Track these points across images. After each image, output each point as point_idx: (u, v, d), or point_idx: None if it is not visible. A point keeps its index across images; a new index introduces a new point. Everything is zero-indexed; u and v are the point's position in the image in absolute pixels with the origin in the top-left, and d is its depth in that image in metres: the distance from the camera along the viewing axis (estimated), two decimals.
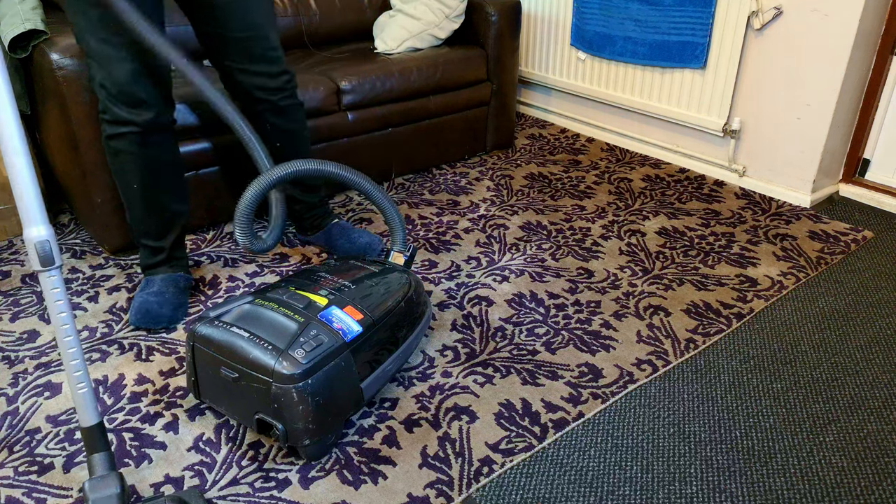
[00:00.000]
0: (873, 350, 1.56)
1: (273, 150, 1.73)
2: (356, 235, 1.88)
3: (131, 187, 1.55)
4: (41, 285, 1.02)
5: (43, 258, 0.99)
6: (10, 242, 1.98)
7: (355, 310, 1.29)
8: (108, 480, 1.05)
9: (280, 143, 1.72)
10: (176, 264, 1.69)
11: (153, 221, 1.61)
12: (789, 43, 2.14)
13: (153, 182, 1.56)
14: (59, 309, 1.02)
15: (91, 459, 1.08)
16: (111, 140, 1.50)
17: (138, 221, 1.61)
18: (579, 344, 1.57)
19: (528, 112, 3.18)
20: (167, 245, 1.65)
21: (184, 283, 1.68)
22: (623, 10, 2.51)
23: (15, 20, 1.71)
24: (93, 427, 1.08)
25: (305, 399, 1.15)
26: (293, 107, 1.71)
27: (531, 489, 1.19)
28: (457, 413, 1.36)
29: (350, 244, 1.87)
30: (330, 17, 2.55)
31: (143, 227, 1.61)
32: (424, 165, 2.50)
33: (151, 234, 1.63)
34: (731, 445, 1.29)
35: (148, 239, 1.63)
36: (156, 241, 1.64)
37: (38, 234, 0.99)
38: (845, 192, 2.35)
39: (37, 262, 0.99)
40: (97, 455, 1.08)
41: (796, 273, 1.86)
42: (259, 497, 1.17)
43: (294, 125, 1.73)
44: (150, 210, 1.59)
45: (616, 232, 2.08)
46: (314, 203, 1.88)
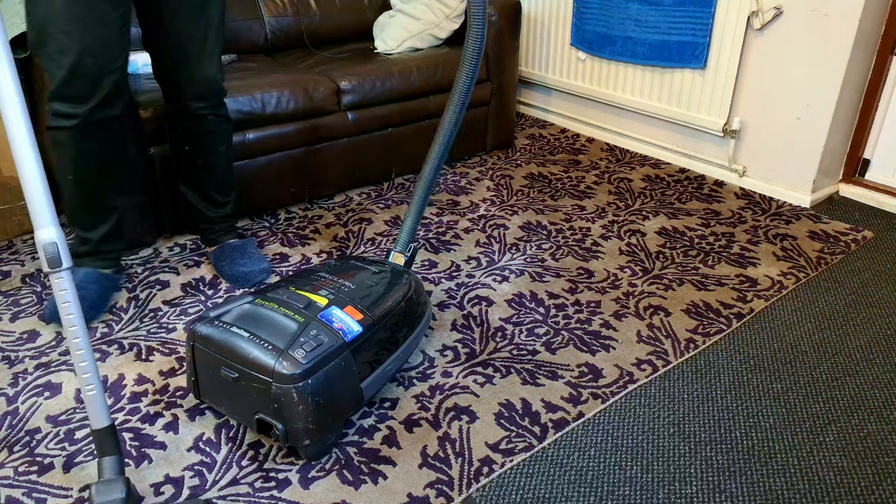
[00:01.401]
0: (873, 350, 1.56)
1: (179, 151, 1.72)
2: (242, 261, 1.78)
3: (66, 178, 1.54)
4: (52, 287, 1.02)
5: (51, 260, 0.99)
6: (9, 242, 1.98)
7: (355, 310, 1.29)
8: (115, 485, 1.05)
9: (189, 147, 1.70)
10: (104, 258, 1.68)
11: (83, 212, 1.61)
12: (789, 43, 2.14)
13: (91, 176, 1.55)
14: (69, 311, 1.02)
15: (100, 462, 1.08)
16: (49, 131, 1.49)
17: (71, 208, 1.60)
18: (579, 344, 1.57)
19: (528, 112, 3.18)
20: (95, 238, 1.64)
21: (105, 281, 1.67)
22: (623, 10, 2.51)
23: (15, 20, 1.71)
24: (103, 430, 1.08)
25: (305, 399, 1.15)
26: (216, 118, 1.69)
27: (531, 489, 1.19)
28: (457, 413, 1.36)
29: (229, 270, 1.77)
30: (330, 17, 2.55)
31: (74, 214, 1.61)
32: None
33: (80, 223, 1.62)
34: (731, 445, 1.29)
35: (77, 227, 1.63)
36: (84, 231, 1.63)
37: (47, 236, 1.00)
38: (845, 192, 2.35)
39: (45, 263, 0.99)
40: (107, 459, 1.07)
41: (796, 273, 1.86)
42: (259, 497, 1.17)
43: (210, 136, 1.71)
44: (84, 202, 1.59)
45: (616, 232, 2.08)
46: (212, 217, 1.81)
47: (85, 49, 1.38)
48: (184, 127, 1.68)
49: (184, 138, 1.70)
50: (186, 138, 1.70)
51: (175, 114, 1.67)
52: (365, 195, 2.31)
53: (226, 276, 1.79)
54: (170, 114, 1.69)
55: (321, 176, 2.22)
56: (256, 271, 1.77)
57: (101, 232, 1.64)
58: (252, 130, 2.01)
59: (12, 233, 2.00)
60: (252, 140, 2.01)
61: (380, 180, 2.40)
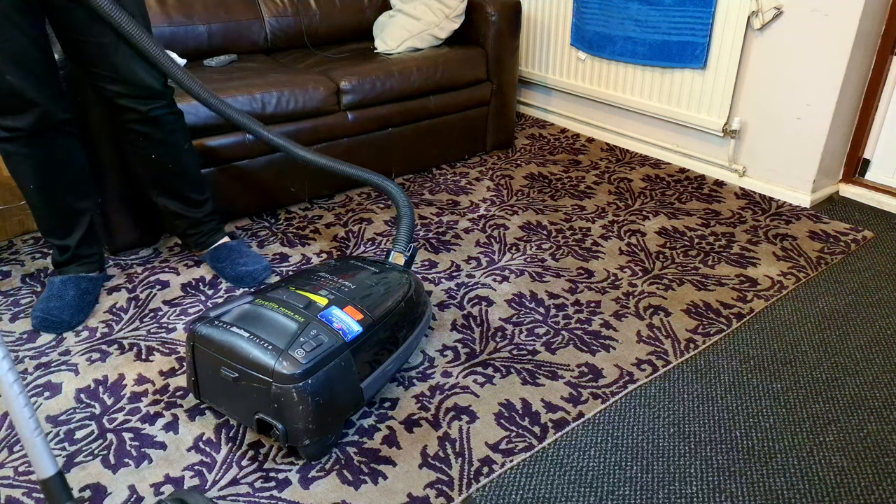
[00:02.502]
0: (873, 350, 1.56)
1: (146, 162, 1.67)
2: (242, 261, 1.77)
3: (28, 187, 1.54)
4: None
5: None
6: (9, 242, 1.98)
7: (355, 310, 1.29)
8: None
9: (155, 155, 1.65)
10: (86, 262, 1.68)
11: (55, 220, 1.60)
12: (789, 43, 2.14)
13: (48, 182, 1.55)
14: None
15: None
16: (1, 142, 1.48)
17: (41, 220, 1.60)
18: (579, 344, 1.57)
19: (528, 112, 3.18)
20: (72, 244, 1.64)
21: (87, 284, 1.67)
22: (623, 10, 2.51)
23: None
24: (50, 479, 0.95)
25: (305, 399, 1.15)
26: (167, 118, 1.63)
27: (531, 489, 1.19)
28: (457, 413, 1.36)
29: (232, 270, 1.76)
30: (330, 17, 2.55)
31: (46, 225, 1.61)
32: (424, 165, 2.50)
33: (55, 232, 1.62)
34: (731, 445, 1.29)
35: (53, 237, 1.63)
36: (60, 239, 1.63)
37: None
38: (845, 192, 2.35)
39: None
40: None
41: (796, 273, 1.86)
42: (259, 497, 1.17)
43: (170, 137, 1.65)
44: (51, 209, 1.59)
45: (616, 232, 2.08)
46: (198, 219, 1.79)
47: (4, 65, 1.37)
48: (142, 135, 1.61)
49: (145, 147, 1.64)
50: (148, 146, 1.63)
51: (125, 126, 1.61)
52: (365, 195, 2.31)
53: (229, 277, 1.78)
54: (122, 127, 1.62)
55: (321, 176, 2.22)
56: (260, 269, 1.77)
57: (76, 237, 1.64)
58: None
59: (12, 233, 2.00)
60: (252, 140, 2.01)
61: None
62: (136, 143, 1.63)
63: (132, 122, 1.59)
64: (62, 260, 1.66)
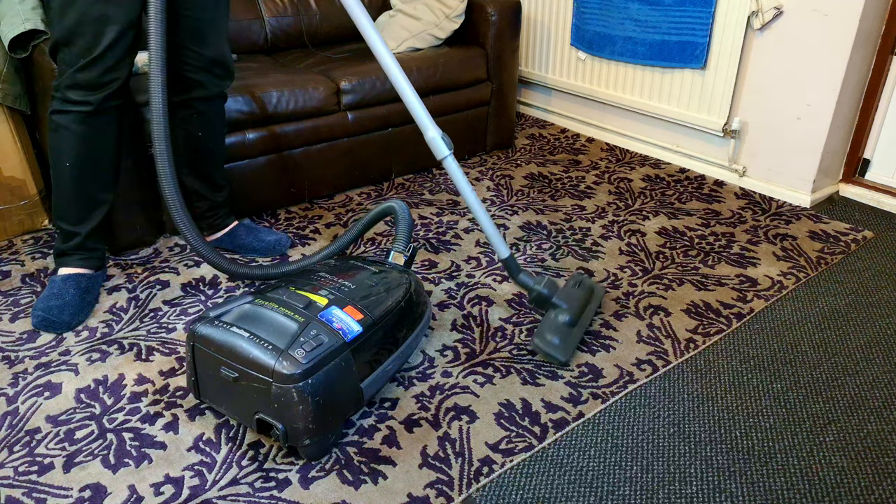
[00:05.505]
0: (873, 350, 1.56)
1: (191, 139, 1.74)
2: (264, 234, 1.91)
3: (63, 164, 1.55)
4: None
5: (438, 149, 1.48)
6: (9, 242, 1.98)
7: (355, 310, 1.29)
8: None
9: (202, 133, 1.74)
10: (89, 256, 1.69)
11: (75, 205, 1.61)
12: (789, 43, 2.14)
13: (85, 164, 1.57)
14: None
15: None
16: (55, 115, 1.51)
17: (60, 202, 1.61)
18: (579, 343, 1.57)
19: (528, 112, 3.18)
20: (83, 232, 1.64)
21: (87, 283, 1.67)
22: (623, 10, 2.51)
23: (15, 20, 1.71)
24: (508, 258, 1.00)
25: (305, 399, 1.15)
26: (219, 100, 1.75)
27: (531, 489, 1.19)
28: (457, 413, 1.36)
29: (258, 242, 1.89)
30: (330, 17, 2.55)
31: (63, 209, 1.62)
32: (424, 165, 2.50)
33: (70, 217, 1.63)
34: (731, 445, 1.29)
35: (64, 222, 1.63)
36: (72, 225, 1.63)
37: (432, 134, 1.51)
38: (845, 192, 2.35)
39: (437, 153, 1.49)
40: None
41: (796, 273, 1.86)
42: (259, 497, 1.17)
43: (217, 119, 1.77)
44: (76, 193, 1.59)
45: (616, 232, 2.08)
46: (218, 202, 1.87)
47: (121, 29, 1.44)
48: (198, 112, 1.70)
49: (198, 125, 1.72)
50: (201, 124, 1.72)
51: (187, 102, 1.68)
52: (365, 195, 2.31)
53: (255, 249, 1.88)
54: (182, 103, 1.69)
55: (321, 176, 2.22)
56: (283, 238, 1.92)
57: (88, 227, 1.64)
58: (252, 130, 2.01)
59: (12, 233, 2.00)
60: (252, 140, 2.01)
61: (380, 180, 2.40)
62: (191, 119, 1.71)
63: (197, 99, 1.68)
64: (66, 248, 1.66)
